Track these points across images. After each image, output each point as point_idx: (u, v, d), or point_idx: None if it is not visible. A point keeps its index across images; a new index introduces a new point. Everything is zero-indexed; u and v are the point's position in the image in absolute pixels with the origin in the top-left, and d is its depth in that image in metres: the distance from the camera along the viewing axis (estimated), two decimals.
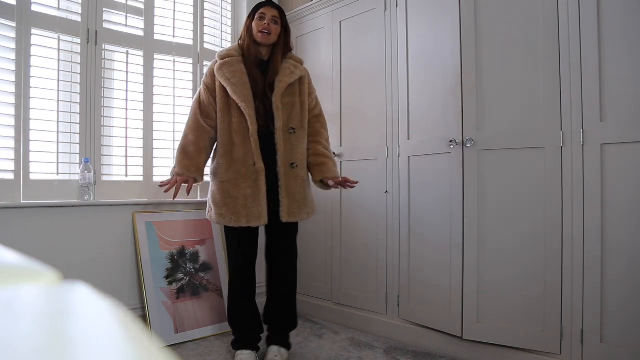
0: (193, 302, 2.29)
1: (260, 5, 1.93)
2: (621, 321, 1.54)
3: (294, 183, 1.85)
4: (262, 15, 1.89)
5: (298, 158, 1.88)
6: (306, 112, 1.94)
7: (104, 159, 2.24)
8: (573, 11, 1.66)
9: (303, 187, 1.89)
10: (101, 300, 0.26)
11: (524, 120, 1.78)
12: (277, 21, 1.90)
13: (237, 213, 1.80)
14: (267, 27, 1.86)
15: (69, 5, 2.14)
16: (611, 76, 1.58)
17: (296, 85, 1.92)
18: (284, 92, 1.86)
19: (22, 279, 0.31)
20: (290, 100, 1.88)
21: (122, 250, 2.21)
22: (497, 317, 1.83)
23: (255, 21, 1.89)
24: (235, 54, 1.90)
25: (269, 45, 1.91)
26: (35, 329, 0.21)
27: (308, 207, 1.92)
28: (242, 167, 1.81)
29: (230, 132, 1.83)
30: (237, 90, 1.81)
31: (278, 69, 1.88)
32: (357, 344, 2.15)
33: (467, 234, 1.91)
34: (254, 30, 1.88)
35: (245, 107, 1.80)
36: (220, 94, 1.86)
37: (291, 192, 1.84)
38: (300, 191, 1.87)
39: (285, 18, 1.96)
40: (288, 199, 1.83)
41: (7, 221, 1.88)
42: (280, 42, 1.92)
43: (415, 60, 2.15)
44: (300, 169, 1.88)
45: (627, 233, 1.54)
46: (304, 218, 1.89)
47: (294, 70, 1.91)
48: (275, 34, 1.90)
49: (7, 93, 1.94)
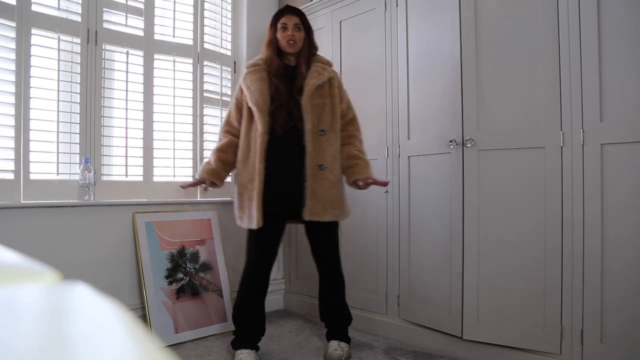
0: (193, 302, 2.29)
1: (279, 15, 1.95)
2: (621, 321, 1.54)
3: (320, 185, 1.86)
4: (284, 26, 1.91)
5: (327, 160, 1.88)
6: (337, 114, 1.95)
7: (104, 159, 2.24)
8: (573, 11, 1.66)
9: (331, 189, 1.89)
10: (101, 300, 0.26)
11: (524, 120, 1.78)
12: (299, 27, 1.92)
13: (250, 215, 1.86)
14: (292, 36, 1.89)
15: (69, 5, 2.14)
16: (611, 76, 1.58)
17: (326, 87, 1.93)
18: (313, 94, 1.88)
19: (22, 279, 0.31)
20: (319, 102, 1.90)
21: (122, 250, 2.21)
22: (497, 317, 1.83)
23: (279, 32, 1.92)
24: (261, 62, 1.95)
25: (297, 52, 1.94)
26: (35, 329, 0.21)
27: (336, 209, 1.91)
28: (251, 170, 1.87)
29: (249, 139, 1.89)
30: (253, 96, 1.86)
31: (304, 73, 1.91)
32: (357, 344, 2.15)
33: (467, 234, 1.91)
34: (280, 42, 1.91)
35: (256, 111, 1.84)
36: (246, 104, 1.92)
37: (316, 194, 1.86)
38: (326, 193, 1.87)
39: (307, 20, 1.97)
40: (312, 199, 1.85)
41: (7, 221, 1.88)
42: (306, 46, 1.95)
43: (415, 60, 2.15)
44: (328, 171, 1.88)
45: (627, 233, 1.54)
46: (328, 219, 1.89)
47: (322, 72, 1.93)
48: (301, 40, 1.92)
49: (7, 93, 1.94)
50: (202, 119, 2.61)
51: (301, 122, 1.85)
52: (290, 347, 2.15)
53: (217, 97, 2.70)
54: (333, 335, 2.02)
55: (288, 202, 1.87)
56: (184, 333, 2.19)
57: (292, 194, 1.85)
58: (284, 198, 1.86)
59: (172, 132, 2.47)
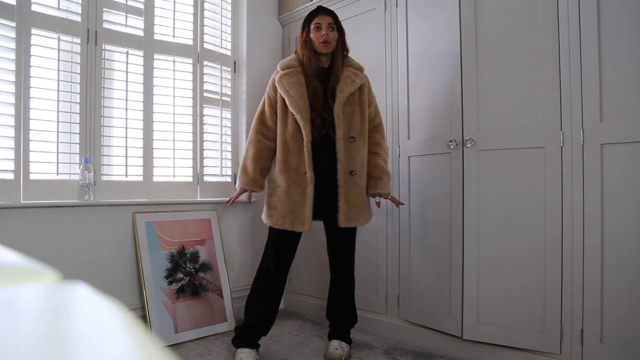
0: (193, 302, 2.29)
1: (313, 15, 1.94)
2: (621, 321, 1.54)
3: (352, 190, 1.90)
4: (317, 26, 1.91)
5: (357, 166, 1.91)
6: (366, 121, 1.97)
7: (104, 159, 2.24)
8: (573, 11, 1.66)
9: (361, 194, 1.94)
10: (101, 300, 0.26)
11: (524, 120, 1.78)
12: (333, 27, 1.92)
13: (284, 217, 1.87)
14: (327, 37, 1.89)
15: (69, 5, 2.14)
16: (611, 76, 1.58)
17: (356, 94, 1.94)
18: (345, 101, 1.89)
19: (22, 279, 0.31)
20: (350, 109, 1.91)
21: (122, 250, 2.21)
22: (497, 317, 1.83)
23: (312, 32, 1.91)
24: (296, 64, 1.93)
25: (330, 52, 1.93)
26: (35, 329, 0.21)
27: (366, 213, 1.98)
28: (294, 175, 1.87)
29: (287, 141, 1.89)
30: (294, 102, 1.86)
31: (339, 77, 1.91)
32: (357, 344, 2.15)
33: (467, 234, 1.91)
34: (314, 43, 1.91)
35: (300, 119, 1.85)
36: (280, 104, 1.92)
37: (350, 199, 1.89)
38: (358, 198, 1.92)
39: (339, 21, 1.98)
40: (347, 205, 1.88)
41: (7, 221, 1.88)
42: (339, 47, 1.95)
43: (415, 60, 2.15)
44: (359, 176, 1.92)
45: (627, 233, 1.54)
46: (361, 223, 1.96)
47: (354, 79, 1.93)
48: (334, 41, 1.92)
49: (7, 93, 1.94)
50: (202, 119, 2.61)
51: (333, 129, 1.87)
52: (290, 347, 2.15)
53: (217, 97, 2.70)
54: (335, 335, 2.03)
55: (324, 207, 1.89)
56: (184, 333, 2.19)
57: (327, 199, 1.88)
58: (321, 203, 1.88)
59: (172, 132, 2.47)
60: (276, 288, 1.96)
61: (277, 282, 1.95)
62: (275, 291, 1.96)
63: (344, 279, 2.05)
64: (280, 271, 1.95)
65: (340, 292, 2.06)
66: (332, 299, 2.08)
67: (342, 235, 1.99)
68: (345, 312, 2.06)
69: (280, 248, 1.94)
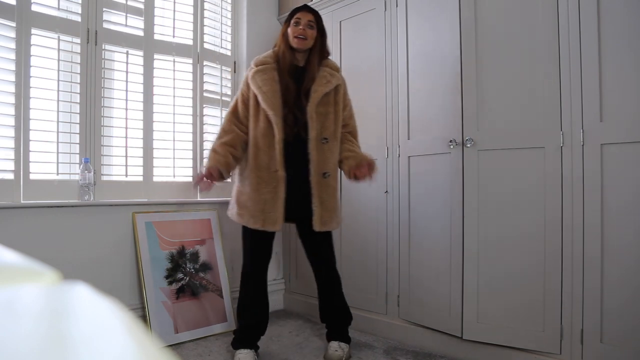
0: (193, 302, 2.29)
1: (296, 11, 1.94)
2: (621, 321, 1.54)
3: (325, 192, 1.88)
4: (297, 21, 1.90)
5: (330, 167, 1.89)
6: (339, 123, 1.95)
7: (104, 159, 2.24)
8: (573, 11, 1.66)
9: (334, 196, 1.92)
10: (101, 300, 0.26)
11: (524, 120, 1.78)
12: (312, 25, 1.90)
13: (255, 216, 1.85)
14: (303, 32, 1.87)
15: (69, 5, 2.14)
16: (611, 76, 1.58)
17: (331, 95, 1.92)
18: (319, 102, 1.87)
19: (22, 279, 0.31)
20: (324, 109, 1.89)
21: (122, 250, 2.21)
22: (497, 317, 1.83)
23: (291, 27, 1.90)
24: (270, 61, 1.92)
25: (305, 50, 1.91)
26: (35, 329, 0.21)
27: (337, 217, 1.96)
28: (265, 173, 1.84)
29: (257, 139, 1.87)
30: (267, 98, 1.84)
31: (314, 76, 1.89)
32: (357, 344, 2.15)
33: (467, 234, 1.91)
34: (289, 36, 1.89)
35: (273, 116, 1.82)
36: (253, 101, 1.90)
37: (324, 201, 1.87)
38: (331, 200, 1.90)
39: (322, 22, 1.97)
40: (321, 207, 1.86)
41: (7, 221, 1.88)
42: (317, 47, 1.92)
43: (415, 60, 2.15)
44: (332, 178, 1.90)
45: (627, 233, 1.54)
46: (334, 227, 1.94)
47: (330, 79, 1.91)
48: (312, 39, 1.90)
49: (7, 93, 1.94)
50: (202, 119, 2.61)
51: (305, 129, 1.85)
52: (290, 347, 2.15)
53: (217, 97, 2.70)
54: (334, 336, 2.01)
55: (297, 209, 1.88)
56: (184, 333, 2.19)
57: (300, 202, 1.86)
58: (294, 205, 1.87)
59: (172, 132, 2.47)
60: (259, 289, 1.96)
61: (259, 283, 1.96)
62: (259, 292, 1.96)
63: (331, 279, 2.02)
64: (258, 272, 1.95)
65: (332, 293, 2.03)
66: (326, 302, 2.05)
67: (318, 237, 1.95)
68: (337, 311, 2.04)
69: (255, 248, 1.93)
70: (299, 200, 1.86)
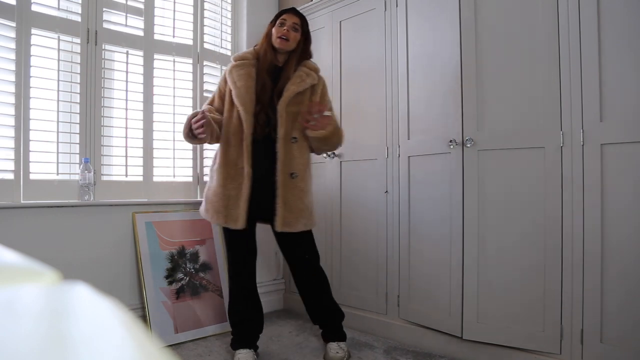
0: (193, 302, 2.29)
1: (282, 12, 1.95)
2: (621, 321, 1.54)
3: (291, 193, 1.84)
4: (282, 22, 1.90)
5: (298, 168, 1.86)
6: None
7: (104, 159, 2.24)
8: (573, 11, 1.66)
9: (301, 198, 1.87)
10: (101, 300, 0.26)
11: (524, 120, 1.78)
12: (297, 28, 1.91)
13: (218, 212, 1.85)
14: (286, 33, 1.88)
15: (69, 5, 2.14)
16: (611, 76, 1.58)
17: (306, 94, 1.91)
18: (291, 101, 1.85)
19: (22, 279, 0.31)
20: (296, 109, 1.87)
21: (122, 250, 2.21)
22: (497, 317, 1.83)
23: (275, 27, 1.91)
24: (250, 57, 1.92)
25: (287, 52, 1.91)
26: (35, 329, 0.21)
27: (305, 219, 1.88)
28: (232, 169, 1.84)
29: (229, 134, 1.86)
30: (240, 94, 1.83)
31: (290, 76, 1.88)
32: (357, 344, 2.15)
33: (467, 234, 1.91)
34: (273, 36, 1.90)
35: (243, 111, 1.82)
36: (229, 96, 1.90)
37: (288, 202, 1.83)
38: (297, 202, 1.85)
39: (307, 26, 1.97)
40: (284, 208, 1.82)
41: (7, 221, 1.88)
42: (298, 50, 1.92)
43: (415, 60, 2.15)
44: (300, 179, 1.86)
45: (627, 233, 1.54)
46: (299, 229, 1.86)
47: (305, 79, 1.89)
48: (294, 41, 1.90)
49: (7, 93, 1.94)
50: None
51: (274, 128, 1.83)
52: (290, 347, 2.15)
53: None
54: (331, 337, 2.00)
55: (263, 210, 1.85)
56: (184, 333, 2.19)
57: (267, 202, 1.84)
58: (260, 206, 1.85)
59: (172, 132, 2.47)
60: (244, 287, 1.94)
61: (243, 281, 1.94)
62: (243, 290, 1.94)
63: (313, 279, 1.98)
64: (239, 270, 1.93)
65: (320, 292, 1.99)
66: (314, 302, 2.00)
67: (292, 237, 1.89)
68: (329, 311, 2.01)
69: (232, 247, 1.93)
70: (265, 200, 1.83)
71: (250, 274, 1.97)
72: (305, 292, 2.01)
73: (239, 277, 1.95)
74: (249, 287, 1.96)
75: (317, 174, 2.63)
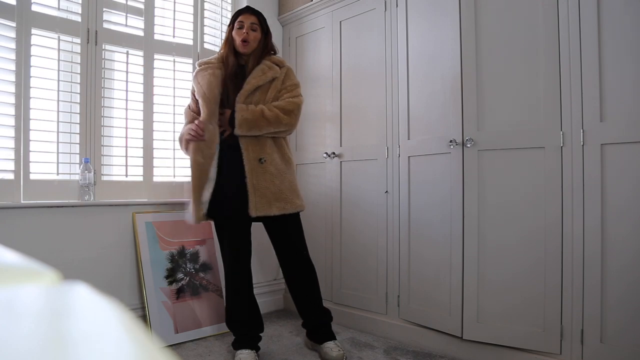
0: (193, 302, 2.29)
1: (238, 13, 1.96)
2: (621, 321, 1.54)
3: (262, 178, 1.86)
4: (240, 24, 1.92)
5: (266, 152, 1.88)
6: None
7: (104, 159, 2.24)
8: (573, 11, 1.66)
9: (272, 181, 1.87)
10: (101, 300, 0.26)
11: (524, 120, 1.78)
12: (255, 28, 1.92)
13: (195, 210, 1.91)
14: (246, 36, 1.90)
15: (69, 5, 2.14)
16: (611, 76, 1.58)
17: (270, 88, 1.93)
18: (251, 94, 1.89)
19: (22, 279, 0.31)
20: (257, 99, 1.90)
21: (122, 250, 2.21)
22: (497, 317, 1.83)
23: (235, 30, 1.93)
24: (214, 61, 1.96)
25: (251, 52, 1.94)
26: (35, 329, 0.21)
27: (281, 202, 1.88)
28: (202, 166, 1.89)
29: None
30: (201, 89, 1.89)
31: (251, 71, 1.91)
32: (357, 344, 2.15)
33: (467, 234, 1.91)
34: (235, 40, 1.92)
35: (202, 104, 1.87)
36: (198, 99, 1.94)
37: (259, 188, 1.85)
38: (270, 186, 1.86)
39: (265, 22, 1.99)
40: (255, 194, 1.85)
41: (7, 221, 1.88)
42: (260, 48, 1.94)
43: (415, 60, 2.15)
44: (269, 163, 1.88)
45: (627, 233, 1.54)
46: (274, 212, 1.86)
47: (266, 72, 1.91)
48: (255, 41, 1.93)
49: (7, 93, 1.94)
50: None
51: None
52: (290, 347, 2.15)
53: None
54: (324, 337, 1.98)
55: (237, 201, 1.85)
56: (184, 333, 2.19)
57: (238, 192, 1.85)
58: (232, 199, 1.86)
59: (172, 132, 2.47)
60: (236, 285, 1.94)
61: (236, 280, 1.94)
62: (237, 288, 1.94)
63: (306, 272, 1.98)
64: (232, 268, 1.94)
65: (310, 288, 1.99)
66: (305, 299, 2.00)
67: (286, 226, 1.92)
68: (320, 311, 2.01)
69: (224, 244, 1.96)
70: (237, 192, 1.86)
71: (247, 271, 1.97)
72: (294, 285, 2.00)
73: (236, 274, 1.95)
74: (245, 285, 1.96)
75: (317, 174, 2.63)
